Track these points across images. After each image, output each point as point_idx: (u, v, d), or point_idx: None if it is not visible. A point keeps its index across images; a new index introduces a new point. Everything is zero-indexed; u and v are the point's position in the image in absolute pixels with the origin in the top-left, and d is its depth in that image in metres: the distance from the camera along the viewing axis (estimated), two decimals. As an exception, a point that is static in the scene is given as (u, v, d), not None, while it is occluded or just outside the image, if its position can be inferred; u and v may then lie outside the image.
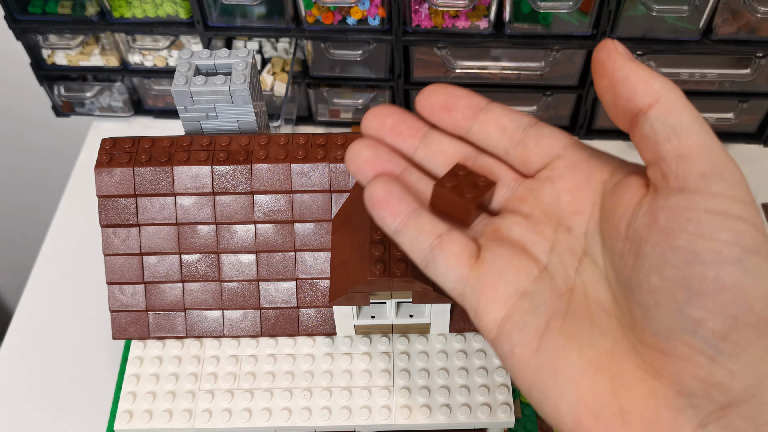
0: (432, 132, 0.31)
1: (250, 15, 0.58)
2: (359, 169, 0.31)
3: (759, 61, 0.56)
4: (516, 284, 0.28)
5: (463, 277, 0.29)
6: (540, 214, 0.30)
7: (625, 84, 0.26)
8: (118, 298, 0.43)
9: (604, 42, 0.27)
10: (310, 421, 0.41)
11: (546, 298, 0.28)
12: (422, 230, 0.29)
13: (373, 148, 0.31)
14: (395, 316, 0.42)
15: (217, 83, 0.42)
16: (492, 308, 0.28)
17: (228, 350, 0.44)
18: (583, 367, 0.26)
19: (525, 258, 0.29)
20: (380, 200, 0.30)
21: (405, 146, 0.31)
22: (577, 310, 0.27)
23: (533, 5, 0.53)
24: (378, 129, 0.31)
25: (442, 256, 0.29)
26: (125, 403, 0.42)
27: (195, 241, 0.43)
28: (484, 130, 0.31)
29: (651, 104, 0.25)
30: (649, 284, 0.25)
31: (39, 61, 0.64)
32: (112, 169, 0.42)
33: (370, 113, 0.31)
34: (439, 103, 0.31)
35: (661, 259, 0.24)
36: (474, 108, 0.31)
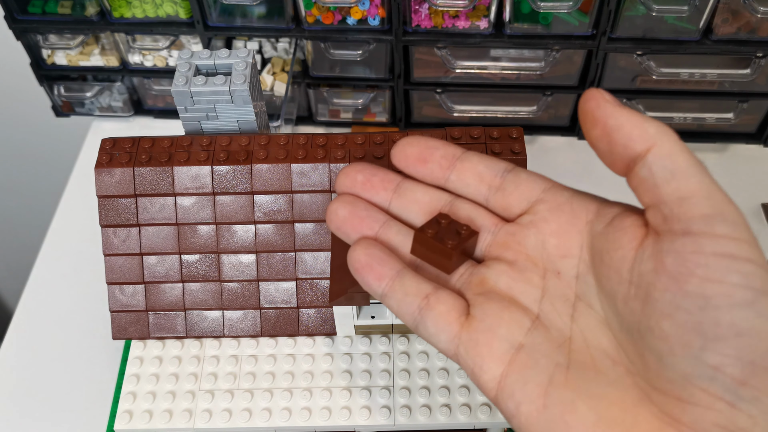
0: (405, 182, 0.32)
1: (250, 15, 0.58)
2: (339, 228, 0.31)
3: (759, 61, 0.56)
4: (509, 339, 0.28)
5: (455, 336, 0.28)
6: (525, 260, 0.29)
7: (619, 131, 0.26)
8: (118, 298, 0.43)
9: (590, 92, 0.27)
10: (310, 421, 0.41)
11: (544, 351, 0.27)
12: (408, 292, 0.29)
13: (350, 204, 0.31)
14: (395, 317, 0.42)
15: (217, 83, 0.42)
16: (489, 366, 0.27)
17: (228, 350, 0.44)
18: (595, 420, 0.25)
19: (515, 310, 0.28)
20: (363, 266, 0.30)
21: (379, 199, 0.31)
22: (580, 361, 0.27)
23: (533, 5, 0.53)
24: (350, 186, 0.32)
25: (431, 316, 0.29)
26: (125, 403, 0.42)
27: (195, 241, 0.43)
28: (461, 179, 0.31)
29: (648, 149, 0.25)
30: (661, 330, 0.24)
31: (39, 61, 0.64)
32: (112, 169, 0.42)
33: (342, 173, 0.32)
34: (414, 155, 0.31)
35: (672, 305, 0.24)
36: (449, 158, 0.31)
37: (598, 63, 0.58)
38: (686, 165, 0.25)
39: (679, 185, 0.25)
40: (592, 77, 0.59)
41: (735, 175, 0.60)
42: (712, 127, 0.62)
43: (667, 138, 0.25)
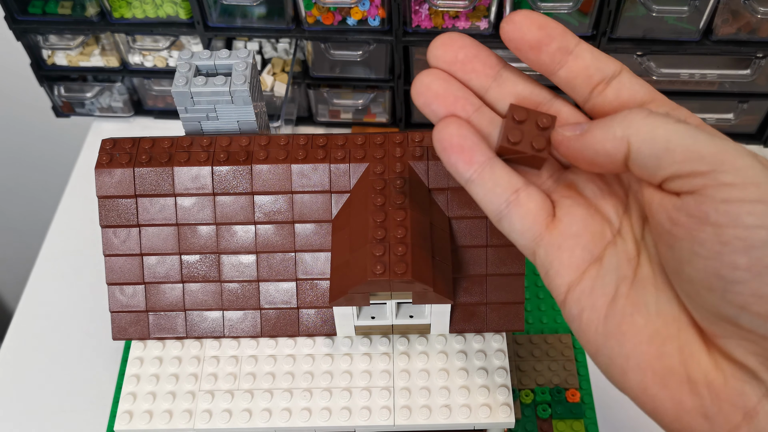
0: (506, 70, 0.30)
1: (250, 15, 0.58)
2: (429, 103, 0.29)
3: (759, 61, 0.56)
4: (591, 250, 0.28)
5: (538, 236, 0.28)
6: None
7: (597, 156, 0.26)
8: (118, 298, 0.44)
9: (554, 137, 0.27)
10: (310, 421, 0.41)
11: (617, 264, 0.28)
12: (498, 183, 0.28)
13: (444, 81, 0.29)
14: (395, 317, 0.42)
15: (218, 84, 0.42)
16: (564, 272, 0.28)
17: (228, 351, 0.44)
18: (651, 334, 0.26)
19: (599, 220, 0.28)
20: (453, 146, 0.28)
21: (477, 83, 0.30)
22: (643, 276, 0.27)
23: (533, 6, 0.53)
24: (449, 62, 0.29)
25: (518, 213, 0.28)
26: (125, 404, 0.42)
27: (195, 241, 0.43)
28: (569, 79, 0.29)
29: (626, 151, 0.25)
30: (685, 274, 0.25)
31: (39, 61, 0.64)
32: (113, 170, 0.42)
33: (440, 42, 0.29)
34: (531, 41, 0.29)
35: (691, 253, 0.24)
36: (563, 51, 0.29)
37: (598, 63, 0.58)
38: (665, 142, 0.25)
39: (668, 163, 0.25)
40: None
41: (735, 176, 0.60)
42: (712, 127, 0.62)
43: (636, 128, 0.25)
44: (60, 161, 0.84)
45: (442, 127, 0.28)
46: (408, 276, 0.37)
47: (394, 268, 0.37)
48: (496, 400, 0.41)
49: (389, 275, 0.37)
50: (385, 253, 0.37)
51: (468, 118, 0.29)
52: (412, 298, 0.39)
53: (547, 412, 0.48)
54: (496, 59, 0.30)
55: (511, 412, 0.41)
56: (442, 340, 0.43)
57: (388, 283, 0.37)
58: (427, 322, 0.42)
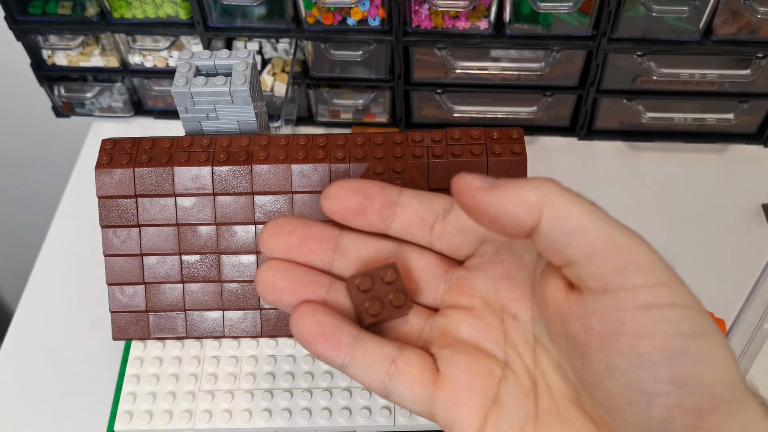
0: (344, 236, 0.29)
1: (250, 15, 0.58)
2: (279, 299, 0.28)
3: (759, 61, 0.56)
4: (486, 392, 0.27)
5: (430, 398, 0.27)
6: (481, 304, 0.28)
7: (504, 214, 0.25)
8: (118, 298, 0.43)
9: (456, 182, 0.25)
10: (310, 421, 0.41)
11: (515, 401, 0.27)
12: (373, 360, 0.27)
13: (286, 272, 0.28)
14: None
15: (218, 84, 0.42)
16: (467, 425, 0.27)
17: (228, 351, 0.44)
18: None
19: (484, 360, 0.27)
20: (315, 336, 0.27)
21: (319, 262, 0.29)
22: (546, 408, 0.26)
23: (533, 6, 0.53)
24: (284, 251, 0.28)
25: (402, 382, 0.27)
26: (125, 404, 0.42)
27: (195, 241, 0.43)
28: (404, 227, 0.29)
29: (537, 219, 0.24)
30: (605, 388, 0.24)
31: (39, 61, 0.64)
32: (113, 170, 0.42)
33: (269, 233, 0.28)
34: (352, 207, 0.28)
35: (609, 366, 0.24)
36: (389, 205, 0.28)
37: (598, 63, 0.58)
38: (581, 220, 0.24)
39: (581, 243, 0.24)
40: (592, 78, 0.59)
41: (735, 176, 0.60)
42: (712, 127, 0.62)
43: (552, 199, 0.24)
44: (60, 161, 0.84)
45: (298, 318, 0.27)
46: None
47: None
48: (497, 400, 0.41)
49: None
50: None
51: (323, 299, 0.28)
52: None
53: (547, 412, 0.48)
54: (330, 231, 0.29)
55: (512, 412, 0.41)
56: (443, 340, 0.43)
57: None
58: (428, 322, 0.42)
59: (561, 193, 0.24)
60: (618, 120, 0.63)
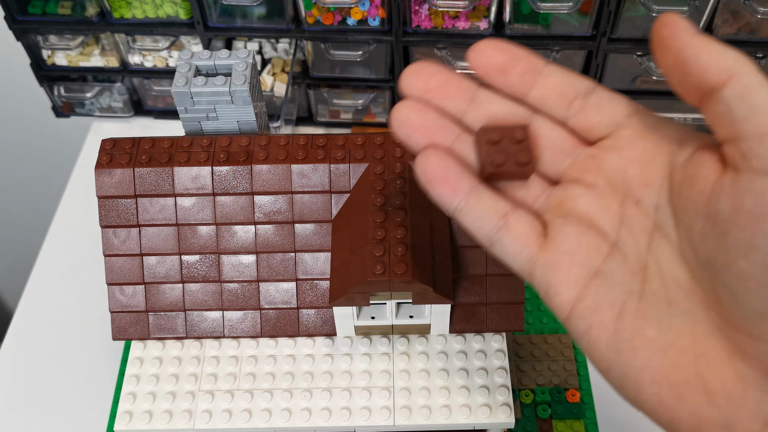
0: (480, 92, 0.30)
1: (250, 15, 0.58)
2: (410, 136, 0.29)
3: (759, 61, 0.56)
4: (588, 264, 0.27)
5: (532, 257, 0.28)
6: (605, 184, 0.28)
7: (695, 62, 0.24)
8: (118, 298, 0.43)
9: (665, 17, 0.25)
10: (310, 421, 0.41)
11: (620, 278, 0.27)
12: (485, 210, 0.28)
13: (421, 112, 0.29)
14: (395, 317, 0.42)
15: (217, 84, 0.42)
16: (564, 289, 0.27)
17: (228, 351, 0.44)
18: (665, 347, 0.26)
19: (594, 234, 0.28)
20: (437, 177, 0.28)
21: (453, 108, 0.29)
22: (653, 290, 0.27)
23: (533, 6, 0.53)
24: (422, 90, 0.29)
25: (509, 236, 0.28)
26: (125, 404, 0.42)
27: (195, 241, 0.43)
28: (542, 97, 0.29)
29: (725, 82, 0.24)
30: (737, 268, 0.24)
31: (39, 61, 0.64)
32: (113, 170, 0.42)
33: (411, 71, 0.29)
34: (496, 64, 0.29)
35: (750, 245, 0.24)
36: (532, 72, 0.29)
37: (598, 64, 0.58)
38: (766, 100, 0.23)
39: (759, 121, 0.23)
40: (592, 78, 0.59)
41: (735, 176, 0.60)
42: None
43: (747, 70, 0.24)
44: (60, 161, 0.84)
45: (424, 159, 0.28)
46: (408, 276, 0.37)
47: (394, 268, 0.37)
48: (496, 400, 0.41)
49: (389, 275, 0.37)
50: (385, 254, 0.37)
51: (450, 146, 0.29)
52: (411, 298, 0.39)
53: (547, 412, 0.48)
54: (469, 82, 0.30)
55: (511, 412, 0.41)
56: (442, 340, 0.43)
57: (388, 283, 0.37)
58: (427, 323, 0.42)
59: (755, 70, 0.24)
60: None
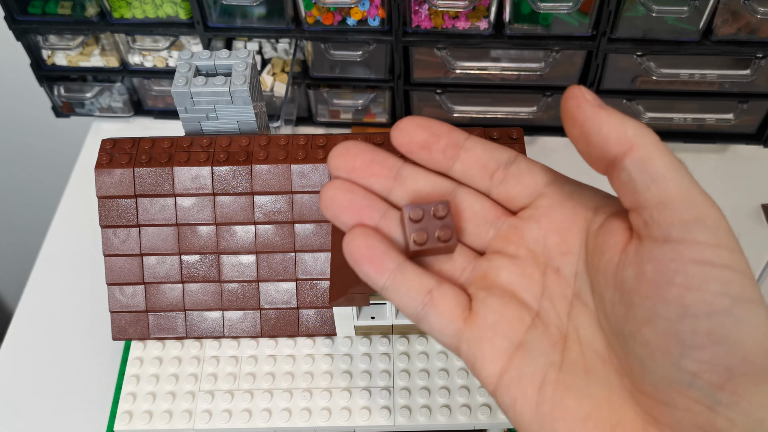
0: (405, 168, 0.30)
1: (250, 16, 0.58)
2: (337, 216, 0.30)
3: (759, 61, 0.56)
4: (511, 336, 0.28)
5: (458, 332, 0.28)
6: (526, 254, 0.29)
7: (597, 133, 0.25)
8: (118, 298, 0.43)
9: (571, 90, 0.26)
10: (310, 421, 0.41)
11: (541, 349, 0.28)
12: (410, 287, 0.29)
13: (348, 191, 0.30)
14: (395, 317, 0.42)
15: (217, 84, 0.42)
16: (489, 363, 0.28)
17: (228, 351, 0.44)
18: (583, 417, 0.26)
19: (517, 306, 0.28)
20: (363, 257, 0.29)
21: (379, 186, 0.30)
22: (572, 360, 0.27)
23: (533, 6, 0.53)
24: (348, 171, 0.30)
25: (434, 312, 0.28)
26: (125, 404, 0.42)
27: (195, 241, 0.43)
28: (465, 170, 0.30)
29: (625, 152, 0.25)
30: (642, 336, 0.25)
31: (39, 61, 0.64)
32: (112, 170, 0.42)
33: (337, 152, 0.30)
34: (420, 141, 0.30)
35: (652, 312, 0.24)
36: (454, 146, 0.30)
37: (598, 64, 0.58)
38: (665, 169, 0.24)
39: (658, 190, 0.24)
40: (592, 78, 0.59)
41: (735, 176, 0.60)
42: (712, 127, 0.62)
43: (646, 140, 0.25)
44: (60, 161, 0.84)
45: (350, 239, 0.29)
46: None
47: None
48: (496, 401, 0.41)
49: None
50: None
51: (376, 224, 0.30)
52: (411, 298, 0.39)
53: (546, 412, 0.48)
54: (394, 159, 0.31)
55: (511, 412, 0.41)
56: (442, 340, 0.43)
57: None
58: (427, 323, 0.42)
59: (655, 140, 0.25)
60: (618, 120, 0.63)
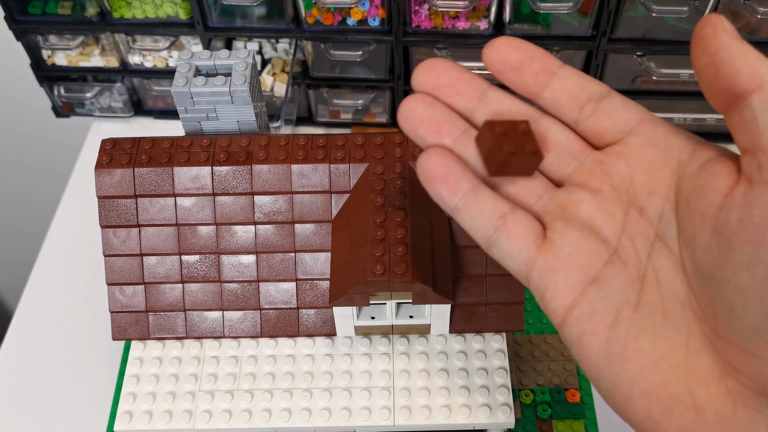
0: (491, 90, 0.29)
1: (250, 16, 0.58)
2: (415, 128, 0.29)
3: (759, 61, 0.56)
4: (587, 270, 0.27)
5: (529, 259, 0.27)
6: (610, 190, 0.28)
7: (729, 64, 0.24)
8: (118, 298, 0.44)
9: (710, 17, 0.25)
10: (310, 421, 0.41)
11: (617, 286, 0.27)
12: (484, 210, 0.28)
13: (430, 105, 0.29)
14: (395, 317, 0.42)
15: (217, 84, 0.42)
16: (560, 294, 0.27)
17: (228, 351, 0.44)
18: (656, 360, 0.25)
19: (595, 240, 0.27)
20: (437, 176, 0.28)
21: (462, 105, 0.29)
22: (649, 301, 0.26)
23: (533, 6, 0.53)
24: (432, 86, 0.29)
25: (506, 237, 0.27)
26: (125, 404, 0.42)
27: (195, 241, 0.43)
28: (554, 99, 0.29)
29: (754, 89, 0.24)
30: (737, 281, 0.24)
31: (39, 61, 0.64)
32: (113, 170, 0.42)
33: (423, 68, 0.29)
34: (512, 61, 0.28)
35: (754, 258, 0.23)
36: (546, 72, 0.29)
37: (598, 64, 0.58)
38: None
39: None
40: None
41: (735, 176, 0.60)
42: (712, 127, 0.62)
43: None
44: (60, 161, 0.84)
45: (425, 159, 0.28)
46: (408, 276, 0.37)
47: (394, 269, 0.37)
48: (496, 401, 0.41)
49: (389, 275, 0.37)
50: (385, 254, 0.37)
51: (454, 140, 0.29)
52: (411, 298, 0.39)
53: (547, 412, 0.48)
54: (480, 81, 0.30)
55: (511, 412, 0.41)
56: (442, 340, 0.43)
57: (388, 283, 0.37)
58: (427, 323, 0.42)
59: None
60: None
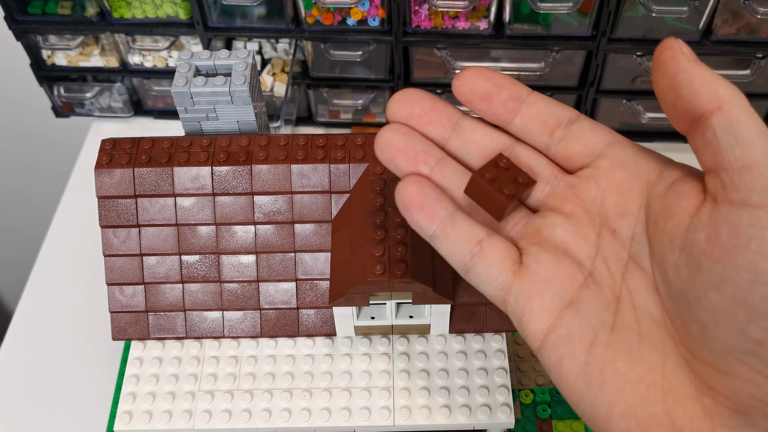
0: (464, 119, 0.30)
1: (250, 16, 0.58)
2: (392, 158, 0.29)
3: (759, 62, 0.56)
4: (562, 294, 0.27)
5: (506, 285, 0.28)
6: (582, 213, 0.28)
7: (688, 87, 0.25)
8: (117, 298, 0.44)
9: (668, 41, 0.25)
10: (309, 422, 0.41)
11: (593, 309, 0.27)
12: (460, 236, 0.28)
13: (405, 135, 0.29)
14: (395, 317, 0.42)
15: (217, 84, 0.42)
16: (537, 319, 0.27)
17: (228, 351, 0.44)
18: (634, 381, 0.26)
19: (569, 264, 0.28)
20: (414, 204, 0.28)
21: (436, 135, 0.30)
22: (624, 322, 0.27)
23: (533, 6, 0.53)
24: (407, 116, 0.30)
25: (483, 263, 0.28)
26: (125, 404, 0.42)
27: (195, 241, 0.43)
28: (525, 126, 0.29)
29: (714, 110, 0.24)
30: (708, 301, 0.24)
31: (39, 61, 0.64)
32: (112, 170, 0.42)
33: (396, 99, 0.30)
34: (481, 91, 0.29)
35: (722, 277, 0.24)
36: (515, 100, 0.29)
37: (598, 64, 0.58)
38: (753, 132, 0.24)
39: (742, 153, 0.24)
40: (592, 78, 0.59)
41: (735, 176, 0.60)
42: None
43: (736, 101, 0.24)
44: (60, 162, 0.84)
45: (403, 187, 0.29)
46: (407, 276, 0.37)
47: (394, 269, 0.37)
48: (496, 401, 0.41)
49: (389, 275, 0.37)
50: (385, 254, 0.37)
51: (431, 169, 0.29)
52: (411, 298, 0.39)
53: (546, 412, 0.48)
54: (453, 110, 0.30)
55: (511, 412, 0.41)
56: (442, 340, 0.43)
57: (388, 283, 0.37)
58: (427, 323, 0.42)
59: (745, 103, 0.25)
60: (618, 120, 0.63)
